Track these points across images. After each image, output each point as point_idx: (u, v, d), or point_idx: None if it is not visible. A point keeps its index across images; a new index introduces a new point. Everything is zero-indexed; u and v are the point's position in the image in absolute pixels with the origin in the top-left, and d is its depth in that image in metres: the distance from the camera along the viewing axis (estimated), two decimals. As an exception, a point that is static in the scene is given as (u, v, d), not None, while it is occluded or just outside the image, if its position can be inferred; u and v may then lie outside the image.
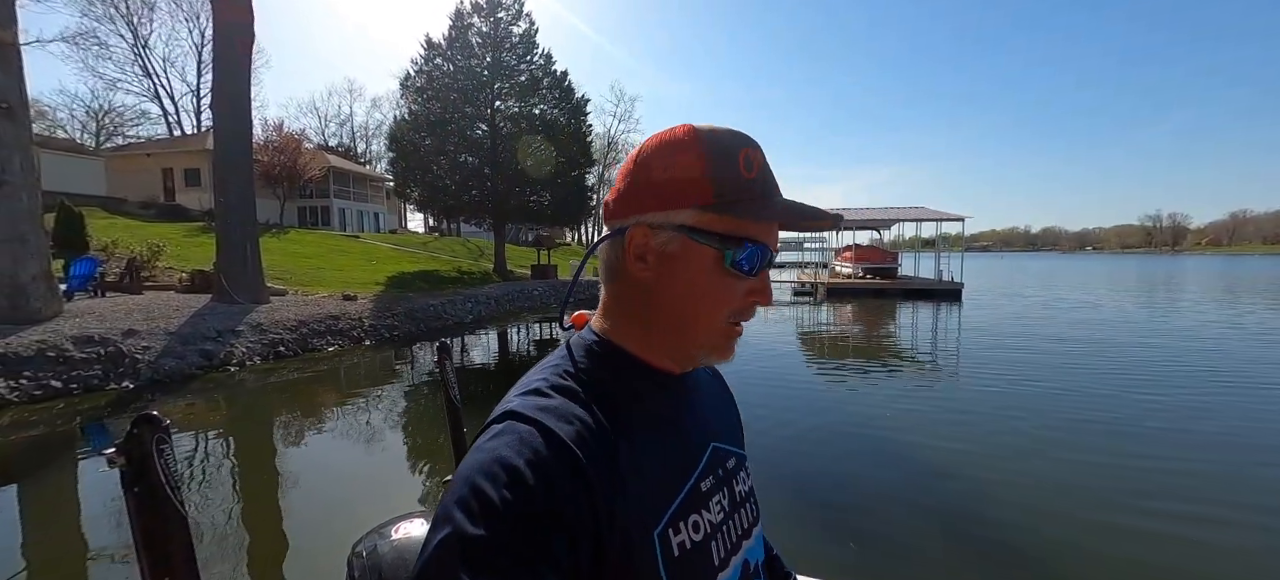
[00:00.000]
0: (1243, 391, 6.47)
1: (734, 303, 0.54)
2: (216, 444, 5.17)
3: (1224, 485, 3.89)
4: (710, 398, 0.67)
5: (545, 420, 0.46)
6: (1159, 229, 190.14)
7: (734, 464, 0.63)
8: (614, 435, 0.49)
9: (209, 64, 25.56)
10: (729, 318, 0.54)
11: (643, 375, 0.56)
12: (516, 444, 0.44)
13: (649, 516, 0.49)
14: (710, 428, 0.62)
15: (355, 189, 34.88)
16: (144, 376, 6.83)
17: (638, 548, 0.47)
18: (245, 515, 3.76)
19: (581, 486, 0.44)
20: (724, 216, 0.51)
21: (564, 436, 0.45)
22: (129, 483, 0.60)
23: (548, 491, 0.42)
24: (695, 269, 0.52)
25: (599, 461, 0.46)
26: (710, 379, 0.71)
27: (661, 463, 0.53)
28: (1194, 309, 15.46)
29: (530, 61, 21.63)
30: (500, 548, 0.40)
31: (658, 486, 0.51)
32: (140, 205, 22.80)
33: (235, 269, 10.41)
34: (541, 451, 0.44)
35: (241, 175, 10.77)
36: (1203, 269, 45.03)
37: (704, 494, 0.56)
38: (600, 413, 0.50)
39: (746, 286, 0.54)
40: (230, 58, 10.55)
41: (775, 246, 0.55)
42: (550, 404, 0.49)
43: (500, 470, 0.43)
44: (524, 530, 0.41)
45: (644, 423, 0.53)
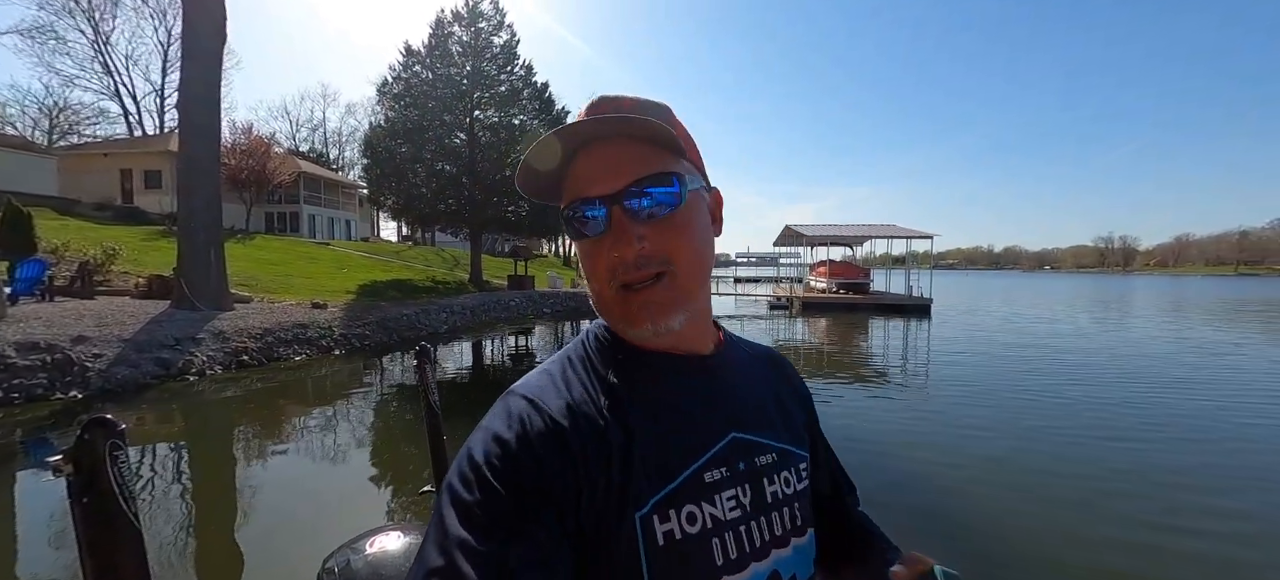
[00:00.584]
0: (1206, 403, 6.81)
1: (601, 268, 0.52)
2: (173, 457, 4.91)
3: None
4: (751, 384, 0.61)
5: (538, 396, 0.50)
6: (1111, 250, 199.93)
7: (771, 461, 0.57)
8: (606, 414, 0.50)
9: (175, 62, 24.73)
10: (613, 282, 0.52)
11: (642, 359, 0.55)
12: (507, 417, 0.48)
13: (632, 498, 0.47)
14: (735, 416, 0.56)
15: (326, 195, 34.00)
16: (94, 385, 6.46)
17: (617, 527, 0.47)
18: (204, 532, 3.55)
19: (567, 459, 0.46)
20: (562, 195, 0.55)
21: (553, 411, 0.48)
22: (77, 492, 0.55)
23: (535, 462, 0.45)
24: (580, 252, 0.55)
25: (585, 435, 0.48)
26: (761, 363, 0.66)
27: (656, 446, 0.50)
28: (1150, 325, 16.24)
29: (511, 72, 21.59)
30: (487, 511, 0.43)
31: (648, 470, 0.49)
32: (95, 207, 21.75)
33: (197, 274, 9.99)
34: (530, 424, 0.47)
35: (207, 178, 10.39)
36: (1151, 288, 47.57)
37: (708, 485, 0.51)
38: (594, 391, 0.52)
39: (605, 248, 0.51)
40: (200, 56, 10.23)
41: (602, 190, 0.50)
42: (546, 383, 0.52)
43: (492, 442, 0.47)
44: (511, 497, 0.44)
45: (642, 406, 0.52)
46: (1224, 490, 4.11)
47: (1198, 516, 3.66)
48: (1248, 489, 4.13)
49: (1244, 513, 3.72)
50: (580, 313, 19.62)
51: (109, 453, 0.56)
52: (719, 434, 0.55)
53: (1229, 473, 4.47)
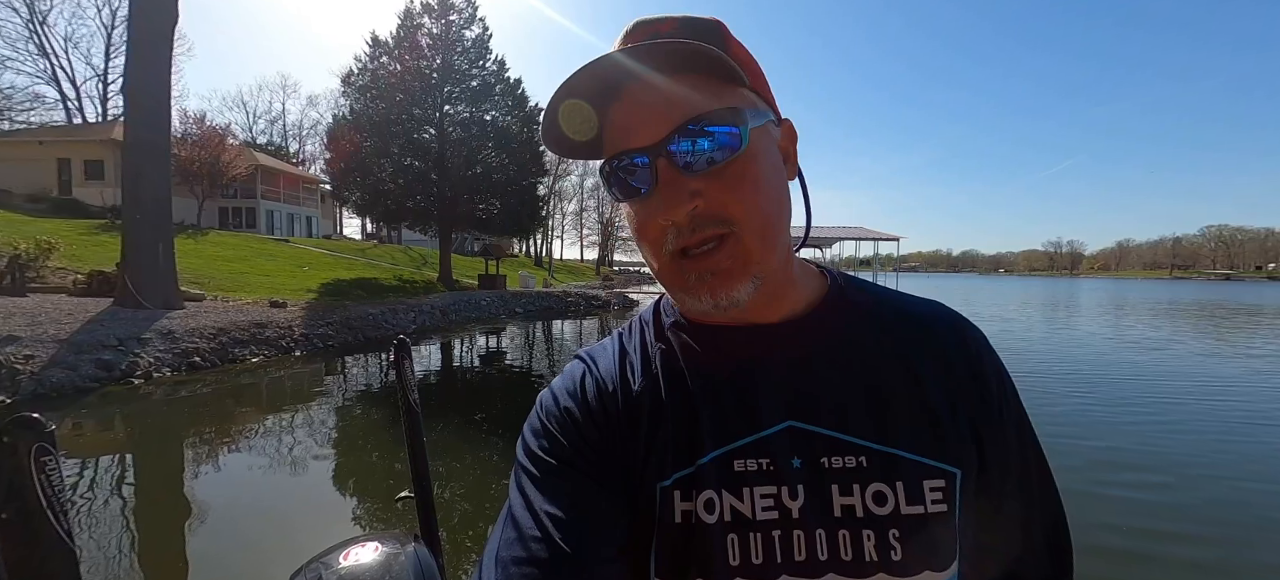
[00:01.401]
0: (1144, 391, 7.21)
1: (652, 233, 0.44)
2: (114, 468, 4.56)
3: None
4: (842, 364, 0.48)
5: (592, 357, 0.54)
6: (1060, 255, 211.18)
7: (854, 465, 0.44)
8: (648, 380, 0.51)
9: (120, 47, 23.34)
10: (667, 248, 0.44)
11: (695, 333, 0.52)
12: (566, 375, 0.54)
13: (654, 468, 0.47)
14: (799, 402, 0.46)
15: (286, 190, 32.66)
16: (25, 390, 5.97)
17: (639, 490, 0.47)
18: (153, 551, 3.28)
19: (603, 417, 0.49)
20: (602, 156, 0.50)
21: (600, 372, 0.52)
22: None
23: (578, 414, 0.49)
24: (626, 216, 0.49)
25: (621, 399, 0.50)
26: (888, 335, 0.50)
27: (684, 422, 0.47)
28: (1095, 325, 17.15)
29: (483, 67, 21.20)
30: (543, 450, 0.48)
31: (674, 444, 0.47)
32: (28, 198, 20.29)
33: (144, 270, 9.39)
34: (580, 384, 0.52)
35: (156, 169, 9.78)
36: (1096, 291, 50.46)
37: (737, 474, 0.44)
38: (640, 358, 0.53)
39: (650, 211, 0.43)
40: (149, 39, 9.61)
41: (644, 141, 0.42)
42: (605, 346, 0.56)
43: (549, 394, 0.53)
44: (560, 438, 0.49)
45: (682, 377, 0.50)
46: (1150, 467, 4.43)
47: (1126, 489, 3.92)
48: (1170, 467, 4.49)
49: (1164, 485, 4.09)
50: (553, 313, 19.38)
51: (35, 459, 0.48)
52: (768, 421, 0.46)
53: (1155, 453, 4.78)
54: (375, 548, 1.05)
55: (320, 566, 1.02)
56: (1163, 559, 3.18)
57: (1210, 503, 3.91)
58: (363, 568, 1.00)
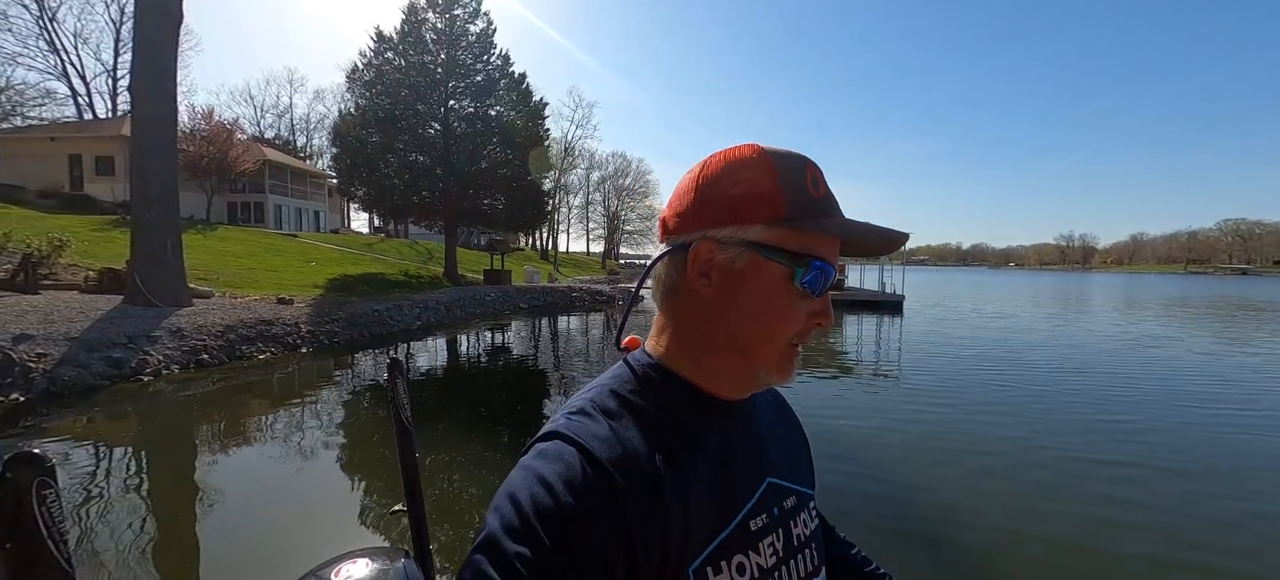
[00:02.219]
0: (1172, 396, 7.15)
1: (797, 324, 0.51)
2: (123, 466, 4.65)
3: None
4: (771, 428, 0.62)
5: (588, 443, 0.47)
6: (1072, 248, 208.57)
7: (794, 503, 0.58)
8: (658, 463, 0.48)
9: (128, 42, 23.53)
10: (791, 339, 0.52)
11: (693, 401, 0.54)
12: (558, 464, 0.45)
13: (687, 551, 0.47)
14: (767, 461, 0.57)
15: (294, 185, 32.86)
16: (38, 387, 6.08)
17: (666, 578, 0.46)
18: (155, 555, 3.32)
19: (619, 514, 0.44)
20: (795, 231, 0.50)
21: (605, 461, 0.45)
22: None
23: (585, 514, 0.43)
24: (762, 287, 0.50)
25: (639, 490, 0.45)
26: (772, 407, 0.66)
27: (706, 495, 0.50)
28: (1104, 323, 16.97)
29: (487, 62, 21.15)
30: (538, 566, 0.41)
31: (700, 520, 0.48)
32: (40, 194, 20.54)
33: (153, 268, 9.51)
34: (581, 475, 0.45)
35: (163, 165, 9.87)
36: (1107, 285, 49.86)
37: (753, 533, 0.52)
38: (644, 438, 0.49)
39: (809, 308, 0.51)
40: (154, 35, 9.68)
41: (840, 268, 0.52)
42: (595, 427, 0.49)
43: (541, 490, 0.44)
44: (561, 551, 0.42)
45: (691, 452, 0.51)
46: (1172, 474, 4.31)
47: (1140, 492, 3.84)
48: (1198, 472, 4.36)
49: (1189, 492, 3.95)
50: (558, 308, 19.44)
51: (36, 492, 0.50)
52: (758, 480, 0.55)
53: (1174, 457, 4.72)
54: (366, 563, 1.08)
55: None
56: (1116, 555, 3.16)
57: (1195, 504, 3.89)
58: None
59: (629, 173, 58.71)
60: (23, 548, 0.50)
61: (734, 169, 0.51)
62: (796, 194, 0.50)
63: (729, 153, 0.53)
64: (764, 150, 0.52)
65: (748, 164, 0.51)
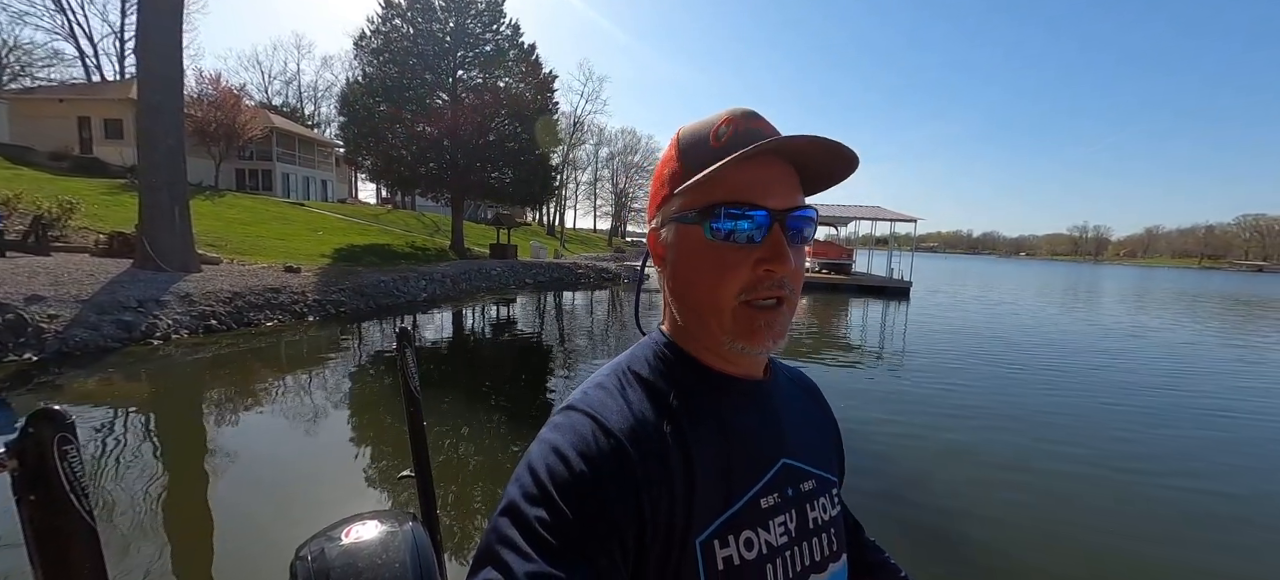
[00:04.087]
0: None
1: (741, 277, 0.50)
2: (134, 428, 4.72)
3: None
4: (793, 412, 0.62)
5: (601, 415, 0.49)
6: (1084, 239, 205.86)
7: (813, 487, 0.58)
8: (668, 435, 0.49)
9: (134, 3, 23.34)
10: (740, 295, 0.51)
11: (704, 378, 0.55)
12: (573, 436, 0.47)
13: (694, 523, 0.48)
14: (784, 443, 0.57)
15: (301, 153, 32.78)
16: (50, 348, 6.17)
17: (678, 552, 0.47)
18: (168, 514, 3.40)
19: (629, 482, 0.46)
20: (695, 188, 0.51)
21: (617, 432, 0.48)
22: (22, 490, 0.52)
23: (598, 483, 0.45)
24: (688, 250, 0.52)
25: (649, 459, 0.47)
26: (799, 394, 0.67)
27: (716, 470, 0.51)
28: (1110, 318, 16.80)
29: (496, 31, 20.81)
30: (550, 530, 0.43)
31: (709, 494, 0.49)
32: (50, 156, 20.61)
33: (161, 233, 9.56)
34: (594, 444, 0.47)
35: (170, 130, 9.84)
36: (1118, 278, 49.31)
37: (764, 511, 0.53)
38: (656, 412, 0.51)
39: (753, 257, 0.50)
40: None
41: (779, 205, 0.50)
42: (609, 400, 0.51)
43: (557, 460, 0.46)
44: (577, 517, 0.44)
45: (701, 426, 0.52)
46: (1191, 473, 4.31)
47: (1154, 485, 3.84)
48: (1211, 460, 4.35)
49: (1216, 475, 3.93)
50: (563, 284, 19.46)
51: (57, 447, 0.53)
52: (772, 460, 0.56)
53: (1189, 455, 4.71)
54: (376, 525, 1.11)
55: (324, 540, 1.08)
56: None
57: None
58: (363, 544, 1.05)
59: (638, 150, 58.20)
60: (46, 500, 0.52)
61: (661, 161, 0.57)
62: (695, 153, 0.52)
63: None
64: (680, 129, 0.55)
65: (666, 153, 0.55)
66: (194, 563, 2.93)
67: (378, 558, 1.03)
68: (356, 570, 1.01)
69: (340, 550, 1.03)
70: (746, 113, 0.53)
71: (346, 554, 1.02)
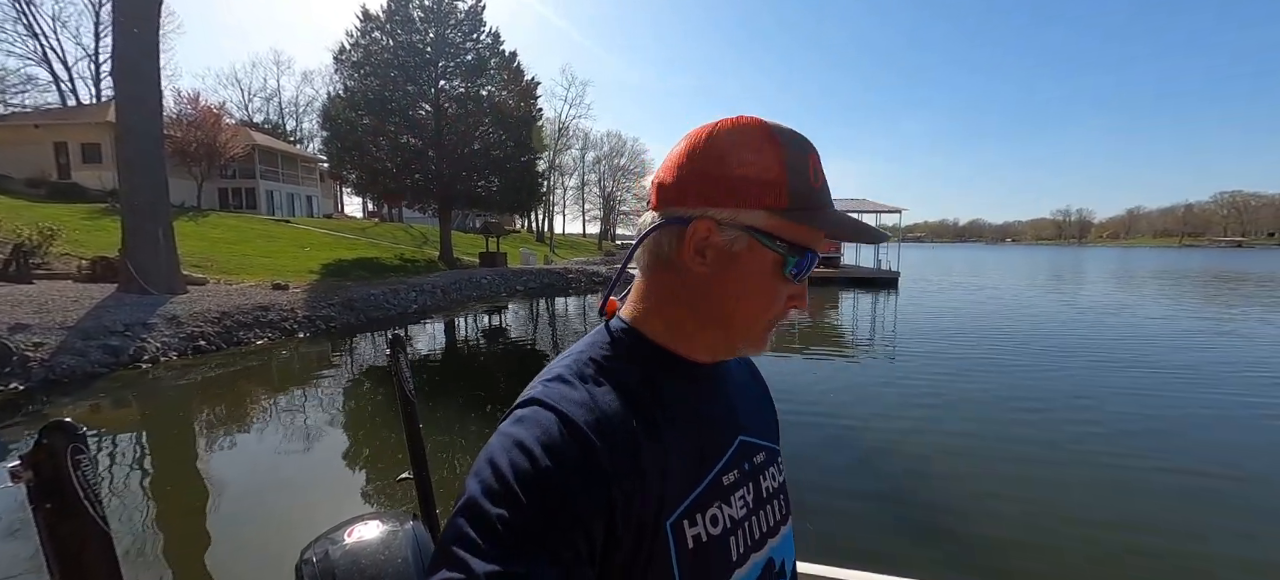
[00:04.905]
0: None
1: (779, 307, 0.54)
2: (130, 451, 4.70)
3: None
4: (741, 389, 0.64)
5: (565, 407, 0.47)
6: (1068, 223, 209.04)
7: (763, 458, 0.61)
8: (634, 424, 0.49)
9: (108, 25, 22.97)
10: (773, 318, 0.55)
11: (668, 365, 0.55)
12: (536, 429, 0.46)
13: (665, 507, 0.48)
14: (738, 420, 0.60)
15: (284, 169, 32.46)
16: (36, 377, 6.10)
17: (651, 538, 0.47)
18: (171, 527, 3.42)
19: (597, 474, 0.45)
20: (795, 224, 0.51)
21: (582, 424, 0.46)
22: (39, 498, 0.53)
23: (563, 477, 0.44)
24: (755, 271, 0.51)
25: (617, 450, 0.46)
26: (742, 370, 0.69)
27: (682, 453, 0.51)
28: (1093, 297, 17.11)
29: (477, 40, 20.77)
30: (514, 528, 0.42)
31: (677, 477, 0.50)
32: (27, 183, 20.25)
33: (145, 255, 9.46)
34: (559, 438, 0.45)
35: (150, 152, 9.74)
36: (1101, 260, 50.13)
37: (726, 487, 0.54)
38: (621, 401, 0.50)
39: (788, 291, 0.54)
40: (134, 17, 9.46)
41: (836, 246, 0.56)
42: (572, 392, 0.49)
43: (520, 455, 0.44)
44: (540, 513, 0.42)
45: (666, 412, 0.52)
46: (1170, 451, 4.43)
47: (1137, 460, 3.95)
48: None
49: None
50: (554, 290, 19.45)
51: (71, 457, 0.55)
52: (730, 437, 0.58)
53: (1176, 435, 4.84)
54: (377, 525, 1.13)
55: (327, 542, 1.10)
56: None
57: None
58: (366, 544, 1.07)
59: (624, 152, 58.23)
60: (61, 507, 0.54)
61: (740, 148, 0.50)
62: (799, 184, 0.50)
63: (735, 127, 0.51)
64: (770, 130, 0.51)
65: (754, 145, 0.50)
66: (193, 573, 2.94)
67: (380, 555, 1.05)
68: (360, 568, 1.03)
69: (343, 550, 1.04)
70: (818, 153, 0.54)
71: (349, 554, 1.04)
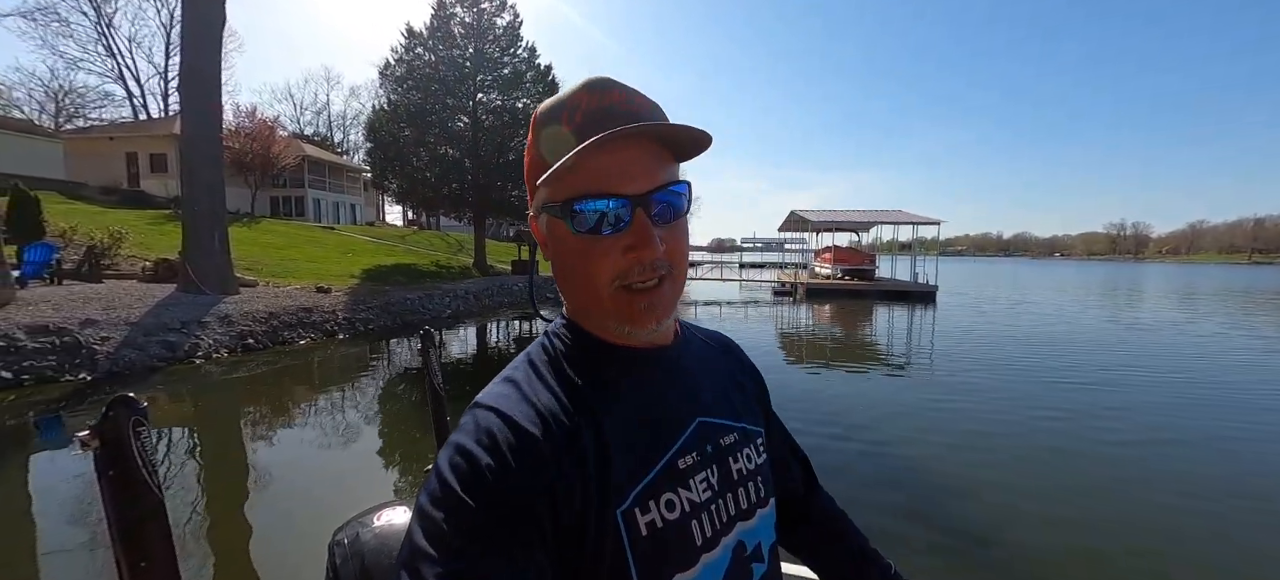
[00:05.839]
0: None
1: (612, 265, 0.49)
2: (183, 438, 4.99)
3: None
4: (707, 370, 0.63)
5: (504, 407, 0.48)
6: (1123, 237, 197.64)
7: (733, 440, 0.59)
8: (576, 415, 0.49)
9: (177, 45, 24.73)
10: (614, 282, 0.50)
11: (608, 354, 0.55)
12: (475, 431, 0.47)
13: (613, 496, 0.47)
14: (698, 402, 0.58)
15: (331, 179, 34.02)
16: (102, 368, 6.55)
17: (599, 527, 0.47)
18: (217, 507, 3.64)
19: (539, 468, 0.45)
20: (550, 183, 0.49)
21: (521, 420, 0.47)
22: (103, 467, 0.58)
23: (504, 475, 0.44)
24: (561, 243, 0.52)
25: (558, 442, 0.47)
26: (714, 350, 0.68)
27: (629, 441, 0.50)
28: (1157, 316, 16.08)
29: (514, 54, 21.36)
30: (461, 530, 0.42)
31: (624, 466, 0.49)
32: (102, 190, 21.85)
33: (202, 258, 10.06)
34: (499, 437, 0.46)
35: (210, 161, 10.40)
36: (1158, 277, 47.10)
37: (682, 471, 0.53)
38: (563, 394, 0.50)
39: (622, 244, 0.49)
40: (200, 38, 10.17)
41: (633, 191, 0.48)
42: (512, 391, 0.50)
43: (460, 458, 0.45)
44: (486, 510, 0.43)
45: (611, 402, 0.52)
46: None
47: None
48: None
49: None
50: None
51: (132, 429, 0.59)
52: (686, 421, 0.56)
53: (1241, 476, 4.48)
54: (404, 511, 1.18)
55: (357, 525, 1.16)
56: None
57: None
58: (394, 528, 1.12)
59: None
60: (123, 475, 0.58)
61: (526, 145, 0.54)
62: (549, 139, 0.50)
63: None
64: (537, 110, 0.53)
65: (529, 133, 0.53)
66: (236, 549, 3.11)
67: None
68: (387, 550, 1.08)
69: (372, 533, 1.08)
70: (600, 86, 0.50)
71: (378, 537, 1.08)
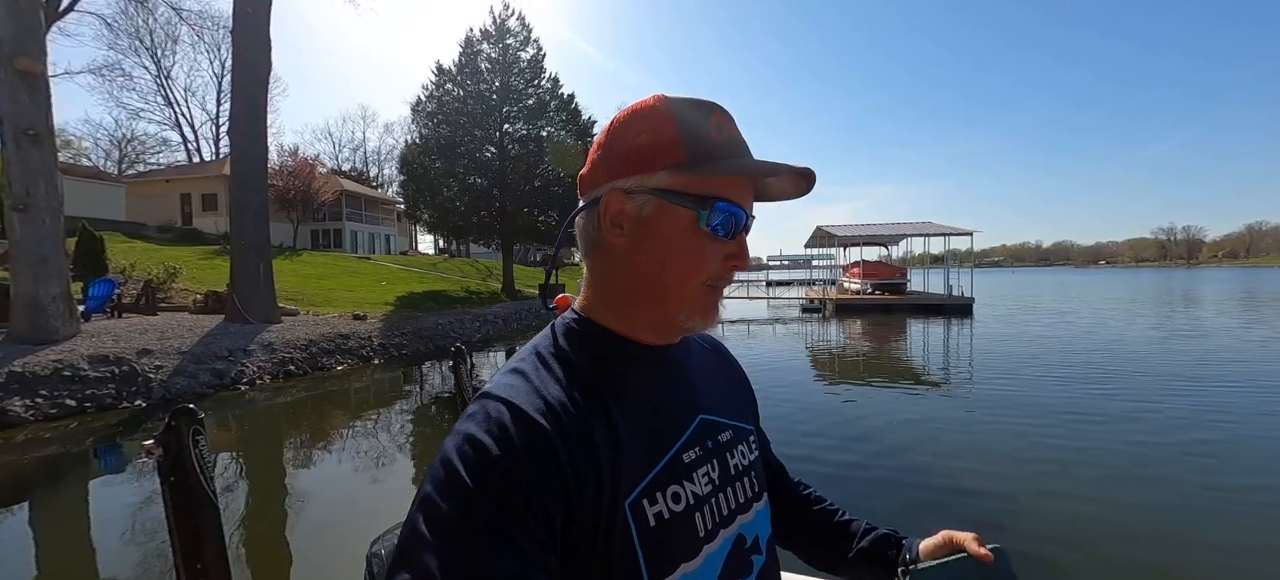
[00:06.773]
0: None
1: (712, 267, 0.54)
2: (230, 459, 5.20)
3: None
4: (704, 370, 0.66)
5: (515, 398, 0.48)
6: (1173, 242, 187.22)
7: (730, 437, 0.62)
8: (587, 409, 0.50)
9: (228, 93, 26.45)
10: (707, 282, 0.54)
11: (620, 350, 0.56)
12: (486, 422, 0.46)
13: (622, 488, 0.49)
14: (699, 399, 0.61)
15: (367, 212, 35.45)
16: (156, 395, 6.91)
17: (610, 519, 0.47)
18: (263, 520, 3.83)
19: (549, 457, 0.45)
20: (697, 176, 0.52)
21: (533, 412, 0.46)
22: (166, 473, 0.63)
23: (515, 466, 0.44)
24: (671, 232, 0.52)
25: (570, 436, 0.47)
26: (708, 352, 0.71)
27: (637, 435, 0.52)
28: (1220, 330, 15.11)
29: (538, 85, 22.06)
30: (469, 521, 0.42)
31: (633, 458, 0.50)
32: (158, 229, 23.32)
33: (248, 290, 10.58)
34: (510, 428, 0.45)
35: (257, 199, 11.01)
36: (1215, 283, 44.11)
37: (687, 465, 0.55)
38: (574, 389, 0.51)
39: (724, 250, 0.54)
40: (248, 87, 10.88)
41: (750, 210, 0.56)
42: (522, 384, 0.50)
43: (469, 448, 0.44)
44: (495, 502, 0.42)
45: (621, 396, 0.53)
46: None
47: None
48: None
49: None
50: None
51: (192, 438, 0.64)
52: (690, 417, 0.58)
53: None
54: None
55: (394, 537, 1.21)
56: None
57: None
58: None
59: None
60: (183, 481, 0.63)
61: (637, 120, 0.53)
62: (698, 139, 0.52)
63: (633, 109, 0.55)
64: (666, 99, 0.54)
65: (650, 114, 0.53)
66: (280, 557, 3.26)
67: None
68: None
69: None
70: (727, 113, 0.55)
71: None
